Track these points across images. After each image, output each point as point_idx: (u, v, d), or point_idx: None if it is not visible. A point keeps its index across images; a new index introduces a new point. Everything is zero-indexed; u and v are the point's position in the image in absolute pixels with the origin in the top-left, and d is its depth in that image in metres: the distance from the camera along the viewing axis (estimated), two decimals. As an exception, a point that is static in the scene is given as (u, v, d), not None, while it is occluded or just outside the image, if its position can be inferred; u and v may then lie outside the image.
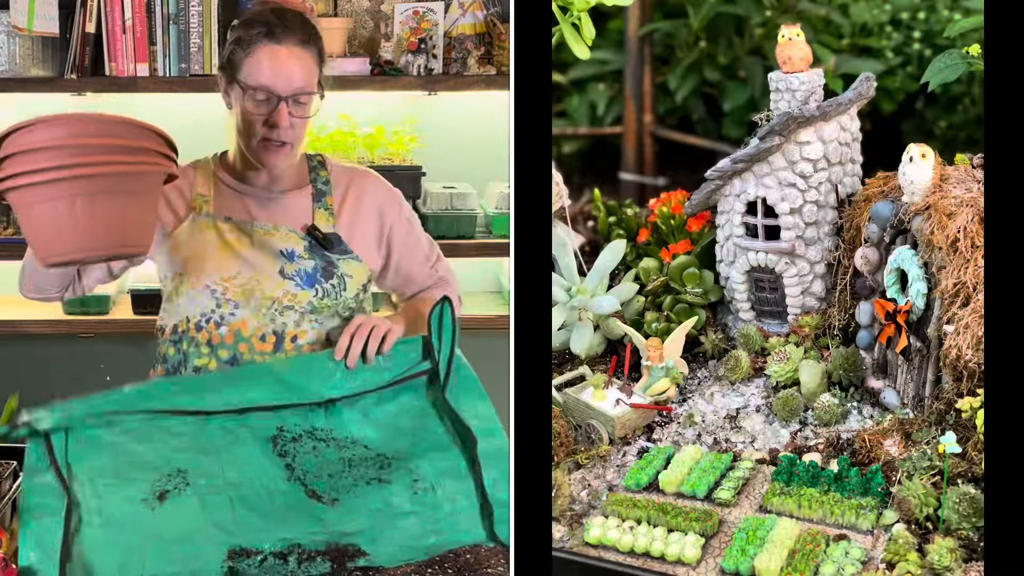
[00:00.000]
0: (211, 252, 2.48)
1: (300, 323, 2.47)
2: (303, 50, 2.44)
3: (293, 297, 2.47)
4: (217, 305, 2.47)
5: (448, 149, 3.83)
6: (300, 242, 2.49)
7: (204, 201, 2.53)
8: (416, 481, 2.23)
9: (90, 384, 4.06)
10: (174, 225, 2.51)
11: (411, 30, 3.66)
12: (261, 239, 2.49)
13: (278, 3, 2.51)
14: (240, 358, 2.46)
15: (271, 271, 2.47)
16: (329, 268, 2.49)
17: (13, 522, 2.19)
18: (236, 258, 2.47)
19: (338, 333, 2.44)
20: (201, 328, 2.48)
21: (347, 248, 2.52)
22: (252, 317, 2.46)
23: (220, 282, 2.46)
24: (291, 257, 2.48)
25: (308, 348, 2.48)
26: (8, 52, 3.56)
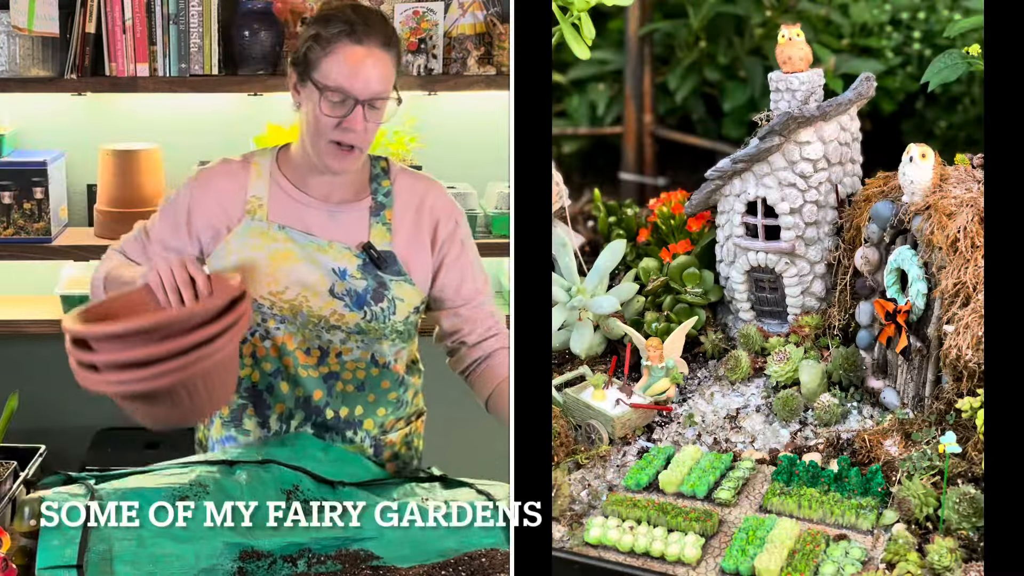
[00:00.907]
0: (262, 263, 2.40)
1: (346, 341, 2.43)
2: (383, 52, 2.34)
3: (340, 317, 2.41)
4: (263, 319, 2.42)
5: (448, 149, 3.83)
6: (354, 260, 2.42)
7: (259, 204, 2.44)
8: (429, 501, 2.26)
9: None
10: (227, 229, 2.44)
11: (411, 30, 3.66)
12: (313, 255, 2.41)
13: (356, 4, 2.42)
14: (284, 371, 2.44)
15: (321, 289, 2.40)
16: (380, 290, 2.42)
17: (13, 522, 2.19)
18: (286, 272, 2.40)
19: (381, 354, 2.42)
20: (246, 340, 2.44)
21: (401, 269, 2.44)
22: (298, 332, 2.42)
23: (268, 296, 2.40)
24: (343, 276, 2.41)
25: (352, 365, 2.44)
26: (8, 52, 3.56)
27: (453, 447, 3.71)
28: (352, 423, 2.50)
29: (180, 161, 3.83)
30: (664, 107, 3.91)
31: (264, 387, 2.46)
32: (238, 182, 2.45)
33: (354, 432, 2.51)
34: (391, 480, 2.41)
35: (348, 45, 2.31)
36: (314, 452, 2.38)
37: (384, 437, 2.54)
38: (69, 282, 3.77)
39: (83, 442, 3.86)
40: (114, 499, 2.16)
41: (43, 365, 3.94)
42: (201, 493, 2.20)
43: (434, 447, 2.73)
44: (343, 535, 2.16)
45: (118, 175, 3.70)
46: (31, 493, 2.41)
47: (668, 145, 3.91)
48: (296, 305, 2.41)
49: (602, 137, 4.00)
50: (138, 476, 2.27)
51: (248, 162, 2.48)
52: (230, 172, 2.47)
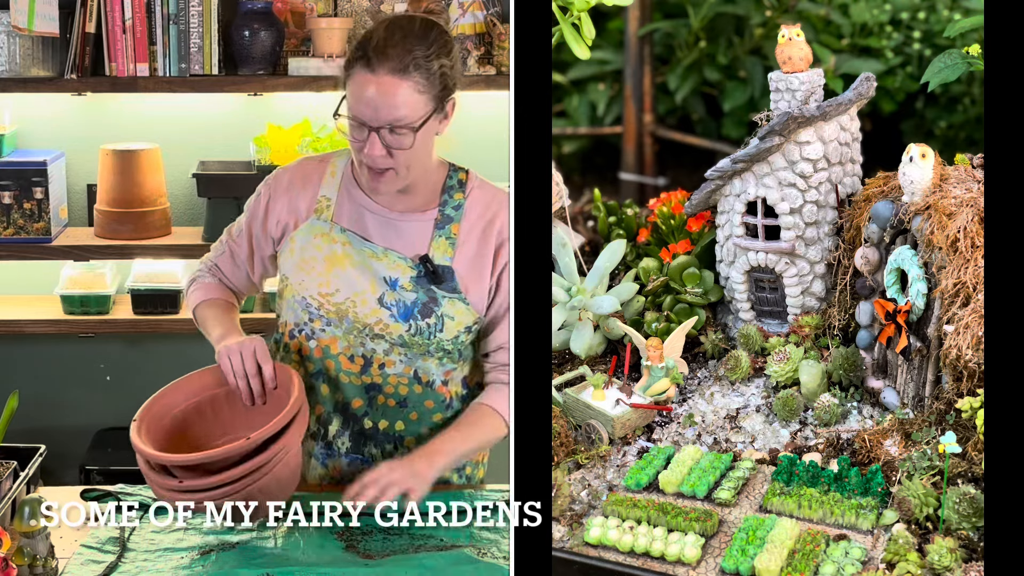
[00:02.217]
0: (317, 264, 2.40)
1: (389, 353, 2.40)
2: (398, 79, 2.22)
3: (385, 327, 2.38)
4: (310, 319, 2.41)
5: (448, 149, 3.83)
6: (408, 271, 2.38)
7: (327, 204, 2.42)
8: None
9: (90, 385, 4.07)
10: (295, 226, 2.44)
11: (411, 30, 3.66)
12: (368, 261, 2.39)
13: (400, 17, 2.33)
14: (325, 374, 2.43)
15: (370, 296, 2.38)
16: (430, 305, 2.38)
17: (13, 522, 2.20)
18: (339, 275, 2.39)
19: (425, 371, 2.41)
20: (294, 337, 2.44)
21: (457, 287, 2.38)
22: (342, 337, 2.40)
23: (317, 297, 2.40)
24: (393, 285, 2.38)
25: (394, 379, 2.42)
26: (8, 52, 3.57)
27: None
28: (392, 437, 2.47)
29: (180, 161, 3.83)
30: (664, 107, 3.91)
31: (307, 387, 2.45)
32: (312, 181, 2.45)
33: (395, 447, 2.48)
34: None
35: (361, 72, 2.24)
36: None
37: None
38: (69, 282, 3.77)
39: (83, 442, 3.86)
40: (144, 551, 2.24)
41: (43, 365, 3.94)
42: (227, 550, 2.24)
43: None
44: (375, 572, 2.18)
45: (118, 175, 3.70)
46: (31, 493, 2.42)
47: (668, 145, 3.91)
48: (343, 309, 2.39)
49: (602, 137, 4.00)
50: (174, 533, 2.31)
51: (325, 162, 2.47)
52: (306, 171, 2.47)
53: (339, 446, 2.49)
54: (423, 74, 2.26)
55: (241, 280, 2.57)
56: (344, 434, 2.48)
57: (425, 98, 2.27)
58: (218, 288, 2.55)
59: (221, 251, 2.57)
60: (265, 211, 2.47)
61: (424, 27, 2.29)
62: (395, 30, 2.27)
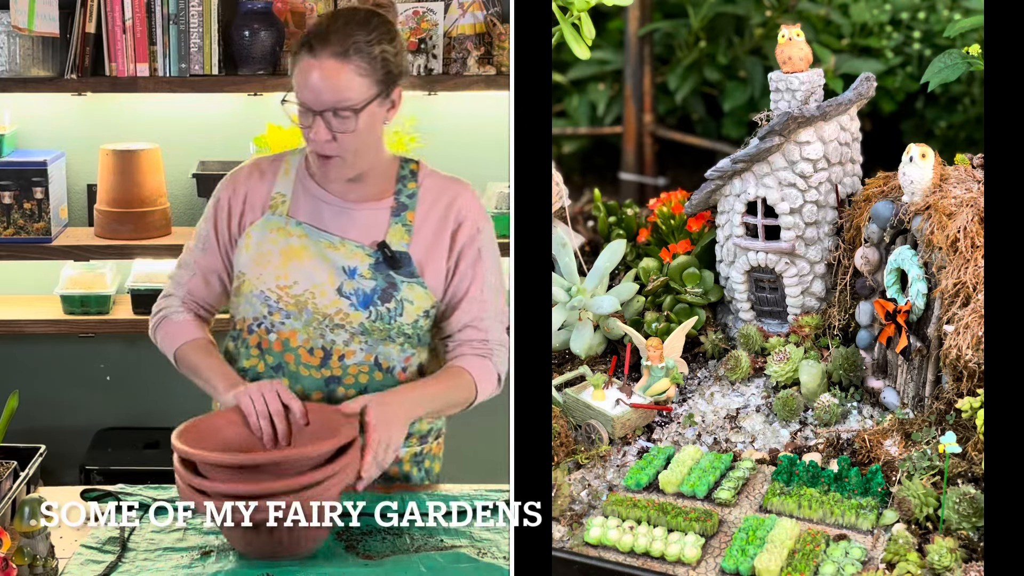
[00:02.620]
0: (273, 257, 2.42)
1: (349, 343, 2.41)
2: (339, 63, 2.30)
3: (345, 316, 2.40)
4: (269, 311, 2.42)
5: (448, 149, 3.83)
6: (366, 259, 2.41)
7: (282, 200, 2.46)
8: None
9: (90, 385, 4.06)
10: (251, 223, 2.46)
11: (411, 30, 3.66)
12: (325, 252, 2.41)
13: (344, 8, 2.40)
14: (286, 367, 2.43)
15: (328, 287, 2.40)
16: (389, 291, 2.40)
17: (13, 522, 2.20)
18: (296, 267, 2.41)
19: (386, 357, 2.42)
20: (253, 331, 2.45)
21: (415, 271, 2.42)
22: (302, 329, 2.41)
23: (276, 290, 2.41)
24: (352, 275, 2.40)
25: (355, 369, 2.43)
26: (8, 52, 3.56)
27: (453, 447, 3.71)
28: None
29: (180, 161, 3.83)
30: (664, 107, 3.91)
31: (266, 379, 2.46)
32: (266, 179, 2.48)
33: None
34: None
35: (304, 57, 2.33)
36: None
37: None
38: (69, 282, 3.76)
39: (83, 442, 3.86)
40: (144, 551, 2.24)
41: (43, 365, 3.94)
42: (227, 551, 2.23)
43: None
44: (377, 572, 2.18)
45: (118, 175, 3.69)
46: (31, 493, 2.42)
47: (668, 145, 3.91)
48: (302, 301, 2.41)
49: (602, 137, 3.99)
50: (173, 533, 2.31)
51: (279, 160, 2.52)
52: (260, 169, 2.51)
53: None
54: (364, 58, 2.32)
55: (215, 298, 2.55)
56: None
57: (367, 82, 2.33)
58: (195, 325, 2.52)
59: (189, 275, 2.54)
60: (228, 211, 2.49)
61: (367, 15, 2.38)
62: (338, 18, 2.36)
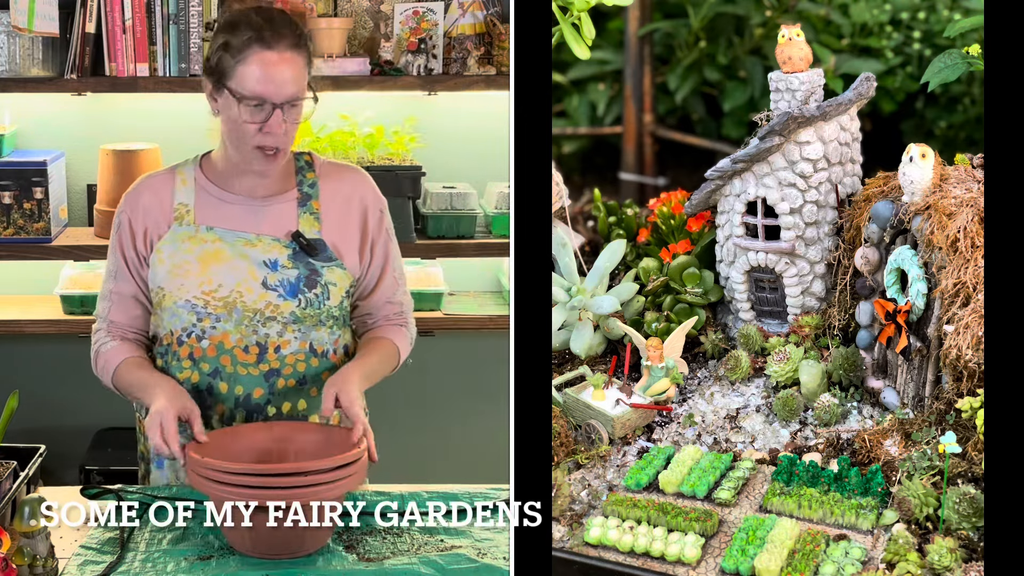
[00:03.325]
0: (192, 266, 2.44)
1: (283, 333, 2.45)
2: (294, 53, 2.38)
3: (275, 308, 2.44)
4: (199, 319, 2.44)
5: (448, 149, 3.83)
6: (284, 251, 2.46)
7: (186, 211, 2.48)
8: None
9: (90, 385, 4.07)
10: (158, 238, 2.47)
11: (411, 30, 3.66)
12: (243, 250, 2.45)
13: (260, 4, 2.45)
14: (223, 371, 2.44)
15: (254, 283, 2.44)
16: (313, 277, 2.46)
17: (13, 522, 2.19)
18: (217, 270, 2.43)
19: (319, 342, 2.45)
20: (183, 343, 2.45)
21: (331, 255, 2.48)
22: (234, 329, 2.44)
23: (201, 296, 2.43)
24: (274, 267, 2.45)
25: (292, 358, 2.46)
26: (8, 52, 3.56)
27: (453, 448, 3.71)
28: (296, 418, 2.50)
29: (180, 161, 3.83)
30: (664, 107, 3.91)
31: (204, 388, 2.47)
32: (163, 193, 2.49)
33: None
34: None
35: (259, 51, 2.35)
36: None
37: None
38: (69, 282, 3.76)
39: (83, 442, 3.86)
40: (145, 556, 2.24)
41: (43, 365, 3.94)
42: (227, 554, 2.23)
43: (435, 448, 2.73)
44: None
45: (118, 175, 3.69)
46: (31, 493, 2.42)
47: (668, 145, 3.91)
48: (230, 301, 2.43)
49: (602, 137, 3.99)
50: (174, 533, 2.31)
51: (172, 172, 2.53)
52: (153, 185, 2.52)
53: None
54: (305, 53, 2.41)
55: (139, 321, 2.54)
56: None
57: (306, 75, 2.42)
58: (125, 347, 2.51)
59: (108, 305, 2.54)
60: (131, 233, 2.49)
61: (280, 10, 2.45)
62: (272, 14, 2.42)
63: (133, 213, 2.50)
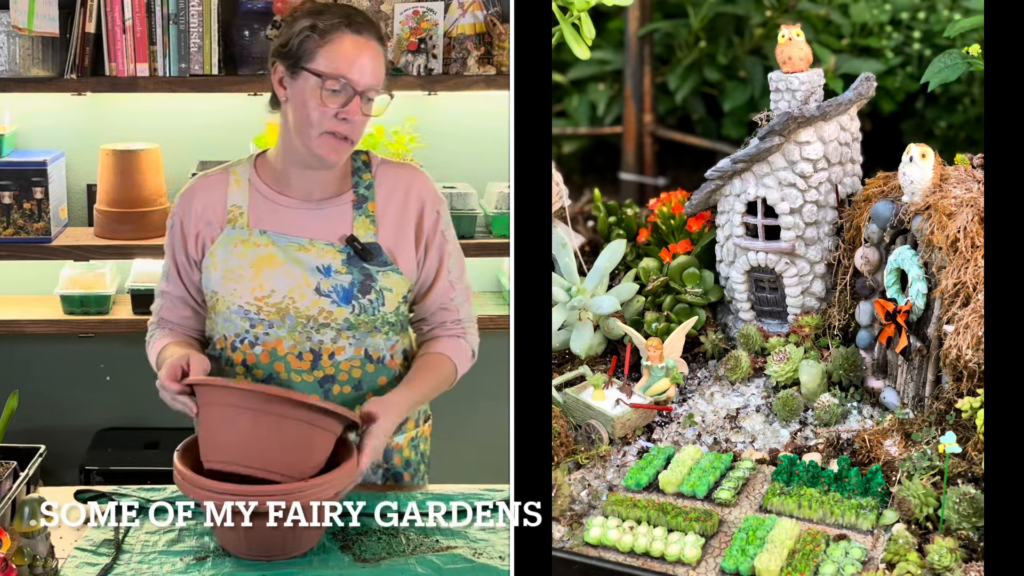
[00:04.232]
0: (245, 270, 2.40)
1: (337, 340, 2.40)
2: (379, 45, 2.37)
3: (329, 314, 2.39)
4: (251, 325, 2.40)
5: (448, 149, 3.83)
6: (338, 255, 2.40)
7: (239, 213, 2.44)
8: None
9: (90, 385, 4.06)
10: (211, 241, 2.43)
11: (411, 30, 3.66)
12: (296, 255, 2.40)
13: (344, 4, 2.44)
14: (277, 377, 2.42)
15: (307, 288, 2.39)
16: (367, 282, 2.40)
17: (13, 522, 2.19)
18: (270, 276, 2.39)
19: (375, 348, 2.42)
20: (236, 348, 2.43)
21: (387, 259, 2.43)
22: (288, 336, 2.40)
23: (254, 302, 2.39)
24: (327, 272, 2.40)
25: (346, 364, 2.42)
26: (8, 52, 3.56)
27: (453, 448, 3.71)
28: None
29: (180, 161, 3.83)
30: (664, 107, 3.91)
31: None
32: (217, 194, 2.46)
33: (355, 432, 2.49)
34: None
35: (347, 35, 2.33)
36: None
37: (391, 440, 2.51)
38: (69, 282, 3.76)
39: (83, 442, 3.86)
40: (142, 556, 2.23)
41: (43, 365, 3.94)
42: (223, 555, 2.23)
43: (435, 449, 2.73)
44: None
45: (118, 175, 3.69)
46: (31, 493, 2.42)
47: (668, 145, 3.91)
48: (283, 308, 2.40)
49: (602, 137, 3.99)
50: (168, 535, 2.31)
51: (227, 172, 2.49)
52: (209, 185, 2.48)
53: None
54: (384, 50, 2.40)
55: (191, 321, 2.53)
56: None
57: (384, 73, 2.40)
58: (171, 335, 2.52)
59: (160, 303, 2.54)
60: (183, 236, 2.47)
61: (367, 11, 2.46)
62: (358, 8, 2.41)
63: (185, 216, 2.47)
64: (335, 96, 2.32)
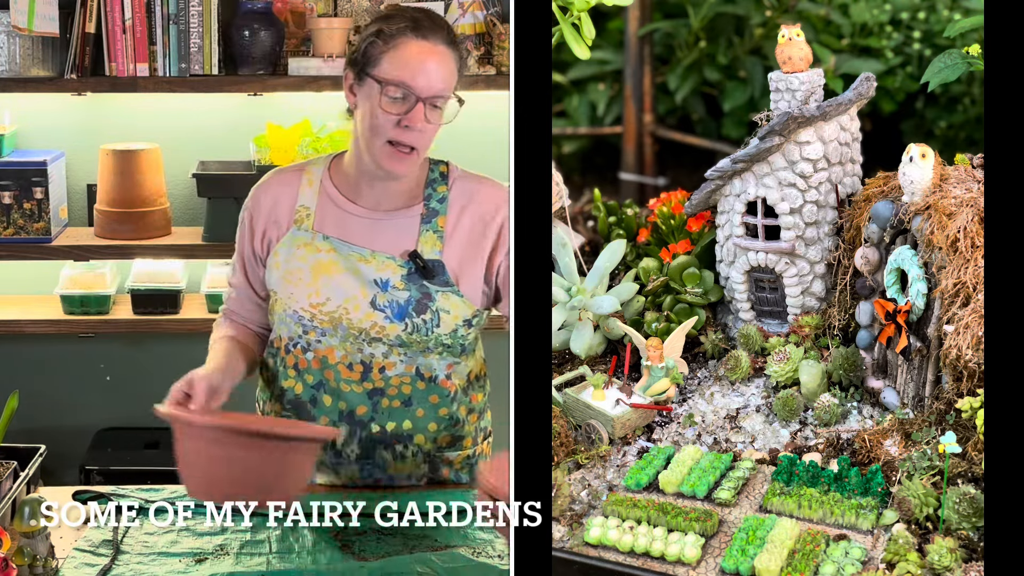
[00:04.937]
0: (303, 274, 2.37)
1: (388, 355, 2.38)
2: (447, 49, 2.30)
3: (381, 329, 2.36)
4: (304, 331, 2.39)
5: (448, 149, 3.83)
6: (398, 270, 2.36)
7: (307, 214, 2.40)
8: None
9: (90, 385, 4.07)
10: (277, 239, 2.42)
11: (411, 30, 3.66)
12: (356, 265, 2.36)
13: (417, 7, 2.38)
14: (326, 384, 2.41)
15: (362, 300, 2.36)
16: (424, 301, 2.35)
17: (13, 522, 2.20)
18: (327, 283, 2.36)
19: (427, 367, 2.39)
20: (290, 351, 2.42)
21: (449, 279, 2.37)
22: (339, 345, 2.38)
23: (308, 308, 2.37)
24: (384, 287, 2.35)
25: (397, 380, 2.40)
26: (8, 52, 3.57)
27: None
28: (401, 437, 2.46)
29: (180, 161, 3.83)
30: (664, 107, 3.91)
31: (308, 399, 2.44)
32: (288, 192, 2.43)
33: (404, 447, 2.47)
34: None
35: (412, 40, 2.27)
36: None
37: (441, 455, 2.50)
38: (69, 282, 3.77)
39: (83, 442, 3.86)
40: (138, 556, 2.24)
41: (43, 365, 3.94)
42: (221, 555, 2.23)
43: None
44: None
45: (118, 175, 3.70)
46: (31, 493, 2.42)
47: (668, 145, 3.91)
48: (336, 317, 2.37)
49: (602, 137, 3.99)
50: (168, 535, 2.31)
51: (301, 171, 2.45)
52: (281, 183, 2.45)
53: (348, 453, 2.48)
54: (457, 54, 2.32)
55: (254, 315, 2.54)
56: (352, 441, 2.47)
57: (455, 76, 2.32)
58: (232, 326, 2.53)
59: (229, 293, 2.56)
60: (251, 232, 2.46)
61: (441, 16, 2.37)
62: (430, 12, 2.34)
63: (255, 211, 2.45)
64: (398, 103, 2.27)
